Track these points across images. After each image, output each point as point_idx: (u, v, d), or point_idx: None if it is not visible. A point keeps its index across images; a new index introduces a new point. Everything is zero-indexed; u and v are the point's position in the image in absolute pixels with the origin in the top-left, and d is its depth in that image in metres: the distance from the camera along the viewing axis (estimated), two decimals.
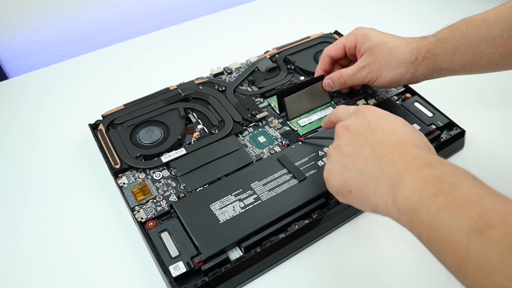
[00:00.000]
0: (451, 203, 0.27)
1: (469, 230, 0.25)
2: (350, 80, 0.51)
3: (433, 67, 0.47)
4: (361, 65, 0.50)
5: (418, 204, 0.28)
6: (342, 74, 0.51)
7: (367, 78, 0.50)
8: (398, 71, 0.48)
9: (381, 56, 0.48)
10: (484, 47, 0.45)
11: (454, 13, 0.77)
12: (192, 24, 0.77)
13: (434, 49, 0.46)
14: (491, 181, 0.49)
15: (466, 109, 0.58)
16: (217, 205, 0.44)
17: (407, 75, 0.48)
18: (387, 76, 0.48)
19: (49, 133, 0.57)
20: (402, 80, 0.48)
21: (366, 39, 0.49)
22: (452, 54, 0.46)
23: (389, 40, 0.48)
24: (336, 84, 0.52)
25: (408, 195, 0.29)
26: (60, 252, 0.44)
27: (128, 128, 0.52)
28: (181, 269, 0.39)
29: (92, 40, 0.77)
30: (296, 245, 0.43)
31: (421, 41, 0.47)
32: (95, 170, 0.52)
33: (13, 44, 0.70)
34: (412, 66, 0.47)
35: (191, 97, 0.57)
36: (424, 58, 0.46)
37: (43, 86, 0.64)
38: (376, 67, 0.48)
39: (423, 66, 0.47)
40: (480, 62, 0.46)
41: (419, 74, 0.48)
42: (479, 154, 0.53)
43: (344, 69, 0.51)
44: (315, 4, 0.81)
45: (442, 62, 0.46)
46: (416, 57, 0.47)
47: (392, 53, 0.47)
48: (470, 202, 0.26)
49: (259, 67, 0.61)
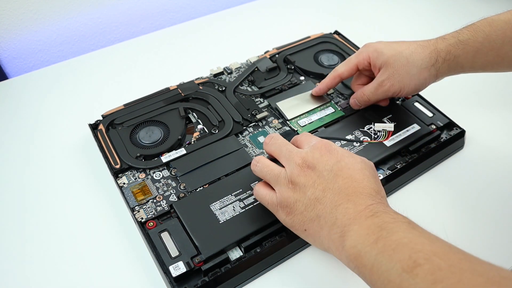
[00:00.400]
0: (387, 248, 0.30)
1: (401, 270, 0.28)
2: (374, 97, 0.50)
3: (454, 67, 0.47)
4: (380, 80, 0.49)
5: (362, 250, 0.31)
6: (364, 93, 0.51)
7: (391, 91, 0.49)
8: (421, 77, 0.47)
9: (399, 67, 0.47)
10: (507, 49, 0.44)
11: (455, 13, 0.78)
12: (192, 24, 0.77)
13: (455, 50, 0.46)
14: (491, 181, 0.50)
15: (466, 109, 0.58)
16: (217, 205, 0.44)
17: (430, 78, 0.47)
18: (410, 84, 0.48)
19: (49, 133, 0.57)
20: (426, 84, 0.48)
21: (379, 54, 0.49)
22: (474, 56, 0.45)
23: (402, 49, 0.47)
24: (361, 102, 0.52)
25: (354, 243, 0.32)
26: (60, 252, 0.44)
27: (128, 128, 0.52)
28: (181, 269, 0.39)
29: (92, 40, 0.77)
30: (296, 245, 0.43)
31: (439, 42, 0.47)
32: (95, 170, 0.52)
33: (13, 44, 0.70)
34: (433, 69, 0.47)
35: (191, 97, 0.57)
36: (445, 60, 0.46)
37: (43, 86, 0.64)
38: (396, 78, 0.48)
39: (444, 68, 0.46)
40: (501, 63, 0.45)
41: (441, 75, 0.48)
42: (479, 154, 0.53)
43: (366, 87, 0.51)
44: (315, 4, 0.81)
45: (464, 63, 0.46)
46: (436, 59, 0.46)
47: (410, 61, 0.47)
48: (403, 245, 0.29)
49: (259, 67, 0.61)
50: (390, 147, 0.49)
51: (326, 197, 0.36)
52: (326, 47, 0.65)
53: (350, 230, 0.33)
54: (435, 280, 0.26)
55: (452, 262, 0.27)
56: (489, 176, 0.50)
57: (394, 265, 0.29)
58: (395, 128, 0.51)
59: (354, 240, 0.32)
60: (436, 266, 0.27)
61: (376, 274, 0.30)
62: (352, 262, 0.32)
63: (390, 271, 0.29)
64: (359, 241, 0.32)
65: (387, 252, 0.30)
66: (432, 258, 0.28)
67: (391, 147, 0.49)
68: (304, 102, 0.55)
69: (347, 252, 0.33)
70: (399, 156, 0.50)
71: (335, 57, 0.63)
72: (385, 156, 0.48)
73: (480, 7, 0.78)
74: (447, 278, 0.26)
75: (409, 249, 0.29)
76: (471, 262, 0.28)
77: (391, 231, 0.31)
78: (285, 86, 0.58)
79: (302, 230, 0.38)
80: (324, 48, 0.65)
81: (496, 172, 0.51)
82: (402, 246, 0.29)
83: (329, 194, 0.36)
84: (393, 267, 0.29)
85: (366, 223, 0.33)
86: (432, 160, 0.51)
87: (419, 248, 0.29)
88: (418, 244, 0.29)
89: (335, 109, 0.54)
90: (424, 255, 0.28)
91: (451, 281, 0.26)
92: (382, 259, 0.30)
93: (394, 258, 0.29)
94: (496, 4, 0.78)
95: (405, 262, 0.28)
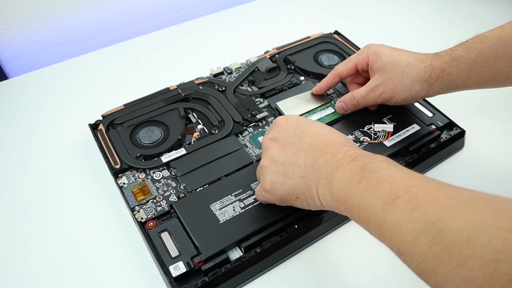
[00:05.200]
0: (370, 185, 0.32)
1: (383, 203, 0.30)
2: (363, 101, 0.50)
3: (447, 85, 0.46)
4: (373, 84, 0.49)
5: (348, 191, 0.34)
6: (354, 96, 0.50)
7: (381, 98, 0.49)
8: (412, 90, 0.47)
9: (393, 75, 0.47)
10: (500, 65, 0.44)
11: (454, 13, 0.78)
12: (192, 24, 0.77)
13: (448, 67, 0.46)
14: (491, 180, 0.50)
15: (466, 109, 0.58)
16: (217, 205, 0.44)
17: (422, 92, 0.47)
18: (401, 95, 0.48)
19: (49, 133, 0.57)
20: (416, 97, 0.48)
21: (378, 57, 0.49)
22: (467, 73, 0.45)
23: (401, 58, 0.47)
24: (349, 106, 0.51)
25: (341, 187, 0.34)
26: (60, 252, 0.44)
27: (128, 128, 0.52)
28: (181, 269, 0.39)
29: (92, 40, 0.77)
30: (296, 245, 0.43)
31: (434, 59, 0.47)
32: (95, 170, 0.52)
33: (13, 44, 0.70)
34: (425, 84, 0.47)
35: (191, 97, 0.57)
36: (438, 77, 0.46)
37: (43, 86, 0.64)
38: (389, 86, 0.48)
39: (437, 84, 0.46)
40: (496, 79, 0.45)
41: (433, 92, 0.47)
42: (479, 154, 0.53)
43: (357, 90, 0.50)
44: (315, 4, 0.81)
45: (457, 81, 0.46)
46: (429, 76, 0.46)
47: (405, 72, 0.47)
48: (384, 181, 0.32)
49: (259, 67, 0.61)
50: (390, 147, 0.49)
51: (300, 158, 0.38)
52: (326, 47, 0.65)
53: (335, 177, 0.35)
54: (413, 207, 0.29)
55: (428, 190, 0.30)
56: (489, 176, 0.50)
57: (377, 199, 0.31)
58: (395, 128, 0.51)
59: (341, 184, 0.34)
60: (414, 196, 0.30)
61: (363, 210, 0.32)
62: (341, 204, 0.34)
63: (374, 205, 0.31)
64: (345, 184, 0.34)
65: (370, 189, 0.32)
66: (410, 189, 0.30)
67: (391, 147, 0.49)
68: (304, 102, 0.55)
69: (336, 197, 0.35)
70: (399, 156, 0.50)
71: (335, 57, 0.63)
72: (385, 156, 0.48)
73: (480, 7, 0.78)
74: (424, 204, 0.29)
75: (389, 184, 0.31)
76: (446, 188, 0.30)
77: (372, 170, 0.33)
78: (285, 86, 0.58)
79: (294, 199, 0.39)
80: (324, 48, 0.65)
81: (496, 172, 0.51)
82: (383, 182, 0.32)
83: (302, 154, 0.38)
84: (376, 202, 0.31)
85: (349, 167, 0.35)
86: (432, 160, 0.51)
87: (398, 182, 0.31)
88: (397, 178, 0.32)
89: (335, 109, 0.54)
90: (403, 188, 0.30)
91: (427, 206, 0.28)
92: (366, 196, 0.32)
93: (377, 194, 0.31)
94: (496, 4, 0.78)
95: (387, 196, 0.31)
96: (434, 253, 0.27)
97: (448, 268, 0.26)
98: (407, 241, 0.28)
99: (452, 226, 0.26)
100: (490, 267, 0.24)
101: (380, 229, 0.31)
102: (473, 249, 0.25)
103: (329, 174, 0.36)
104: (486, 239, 0.25)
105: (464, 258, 0.25)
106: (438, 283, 0.27)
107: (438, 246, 0.26)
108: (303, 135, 0.39)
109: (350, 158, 0.35)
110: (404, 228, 0.29)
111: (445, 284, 0.26)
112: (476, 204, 0.27)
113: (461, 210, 0.27)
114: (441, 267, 0.26)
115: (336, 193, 0.35)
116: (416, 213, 0.29)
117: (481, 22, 0.73)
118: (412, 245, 0.28)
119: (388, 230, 0.30)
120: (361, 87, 0.51)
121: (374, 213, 0.31)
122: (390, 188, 0.31)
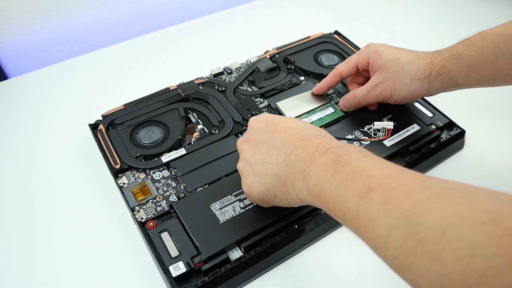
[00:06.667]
0: (344, 179, 0.32)
1: (358, 197, 0.30)
2: (364, 99, 0.50)
3: (448, 82, 0.46)
4: (374, 83, 0.49)
5: (323, 186, 0.33)
6: (356, 95, 0.51)
7: (381, 96, 0.49)
8: (412, 87, 0.47)
9: (393, 73, 0.47)
10: (501, 63, 0.44)
11: (454, 13, 0.78)
12: (192, 24, 0.77)
13: (449, 64, 0.45)
14: (491, 180, 0.50)
15: (466, 109, 0.58)
16: (217, 205, 0.44)
17: (422, 90, 0.47)
18: (401, 93, 0.48)
19: (49, 133, 0.57)
20: (416, 95, 0.48)
21: (378, 56, 0.49)
22: (468, 70, 0.45)
23: (401, 56, 0.47)
24: (351, 104, 0.52)
25: (316, 181, 0.34)
26: (60, 252, 0.44)
27: (128, 128, 0.52)
28: (181, 269, 0.39)
29: (92, 40, 0.77)
30: (296, 245, 0.43)
31: (435, 56, 0.46)
32: (95, 170, 0.52)
33: (13, 44, 0.70)
34: (426, 82, 0.46)
35: (191, 97, 0.57)
36: (438, 74, 0.46)
37: (43, 86, 0.64)
38: (389, 84, 0.48)
39: (437, 82, 0.46)
40: (497, 77, 0.45)
41: (433, 89, 0.47)
42: (479, 154, 0.53)
43: (358, 89, 0.51)
44: (315, 4, 0.81)
45: (458, 78, 0.46)
46: (430, 73, 0.46)
47: (405, 69, 0.47)
48: (357, 174, 0.31)
49: (259, 67, 0.61)
50: (390, 147, 0.49)
51: (272, 155, 0.38)
52: (326, 47, 0.65)
53: (310, 171, 0.35)
54: (387, 200, 0.28)
55: (402, 181, 0.29)
56: (489, 176, 0.50)
57: (352, 194, 0.31)
58: (395, 128, 0.51)
59: (315, 178, 0.34)
60: (387, 188, 0.29)
61: (338, 205, 0.32)
62: (318, 199, 0.34)
63: (349, 200, 0.31)
64: (319, 178, 0.34)
65: (344, 183, 0.32)
66: (384, 181, 0.30)
67: (391, 147, 0.49)
68: (304, 102, 0.55)
69: (311, 192, 0.34)
70: (399, 156, 0.50)
71: (335, 57, 0.63)
72: (385, 156, 0.48)
73: (480, 7, 0.78)
74: (397, 196, 0.28)
75: (363, 177, 0.31)
76: (420, 179, 0.30)
77: (345, 163, 0.33)
78: (285, 86, 0.58)
79: (272, 197, 0.39)
80: (324, 48, 0.65)
81: (496, 172, 0.51)
82: (356, 175, 0.31)
83: (274, 151, 0.38)
84: (351, 196, 0.31)
85: (322, 160, 0.34)
86: (432, 160, 0.51)
87: (372, 174, 0.31)
88: (370, 170, 0.31)
89: (335, 109, 0.54)
90: (377, 180, 0.30)
91: (400, 199, 0.28)
92: (341, 191, 0.32)
93: (351, 188, 0.31)
94: (496, 4, 0.78)
95: (361, 190, 0.30)
96: (407, 248, 0.26)
97: (422, 263, 0.25)
98: (381, 236, 0.28)
99: (426, 220, 0.26)
100: (463, 262, 0.23)
101: (356, 223, 0.30)
102: (447, 243, 0.24)
103: (303, 168, 0.35)
104: (460, 233, 0.24)
105: (437, 253, 0.24)
106: (413, 278, 0.26)
107: (412, 241, 0.26)
108: (273, 132, 0.39)
109: (323, 150, 0.35)
110: (378, 222, 0.28)
111: (420, 280, 0.26)
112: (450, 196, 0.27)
113: (434, 202, 0.27)
114: (415, 262, 0.26)
115: (312, 187, 0.34)
116: (390, 206, 0.28)
117: (481, 22, 0.73)
118: (386, 240, 0.28)
119: (363, 225, 0.30)
120: (362, 86, 0.51)
121: (349, 208, 0.31)
122: (364, 181, 0.31)
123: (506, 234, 0.23)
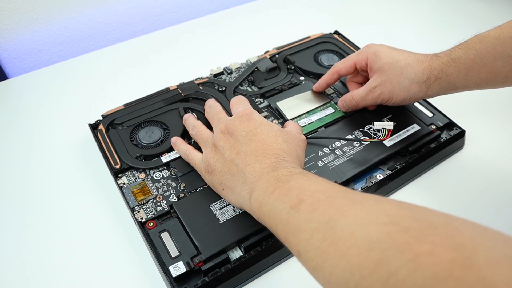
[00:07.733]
0: (281, 194, 0.34)
1: (290, 208, 0.32)
2: (362, 102, 0.50)
3: (446, 86, 0.46)
4: (372, 85, 0.49)
5: (262, 201, 0.36)
6: (353, 97, 0.51)
7: (379, 98, 0.49)
8: (410, 91, 0.47)
9: (392, 76, 0.47)
10: (499, 65, 0.44)
11: (454, 13, 0.78)
12: (192, 24, 0.77)
13: (447, 68, 0.45)
14: (490, 180, 0.50)
15: (466, 109, 0.58)
16: (217, 205, 0.44)
17: (420, 93, 0.47)
18: (399, 96, 0.48)
19: (49, 133, 0.57)
20: (414, 98, 0.48)
21: (377, 57, 0.49)
22: (466, 74, 0.45)
23: (400, 59, 0.47)
24: (349, 106, 0.52)
25: (257, 196, 0.37)
26: (60, 252, 0.44)
27: (128, 128, 0.52)
28: (181, 269, 0.39)
29: (92, 40, 0.77)
30: None
31: (433, 60, 0.46)
32: (95, 170, 0.52)
33: (13, 44, 0.70)
34: (424, 85, 0.46)
35: (191, 97, 0.57)
36: (437, 78, 0.46)
37: (43, 86, 0.64)
38: (387, 87, 0.48)
39: (435, 86, 0.46)
40: (495, 80, 0.45)
41: (431, 93, 0.47)
42: (479, 154, 0.53)
43: (356, 91, 0.51)
44: (315, 4, 0.81)
45: (456, 81, 0.46)
46: (428, 77, 0.46)
47: (403, 73, 0.47)
48: (293, 189, 0.34)
49: (259, 67, 0.61)
50: (390, 147, 0.49)
51: (239, 158, 0.40)
52: (326, 47, 0.65)
53: (256, 186, 0.37)
54: (313, 209, 0.31)
55: (330, 194, 0.32)
56: (489, 176, 0.50)
57: (285, 206, 0.33)
58: (395, 128, 0.51)
59: (257, 193, 0.37)
60: (316, 199, 0.32)
61: (273, 217, 0.34)
62: (256, 213, 0.37)
63: (282, 211, 0.33)
64: (261, 194, 0.36)
65: (281, 197, 0.34)
66: (315, 194, 0.32)
67: (391, 147, 0.49)
68: (304, 102, 0.55)
69: (252, 205, 0.37)
70: (399, 156, 0.50)
71: (335, 57, 0.63)
72: (385, 156, 0.49)
73: (480, 7, 0.78)
74: (322, 206, 0.31)
75: (297, 191, 0.33)
76: (346, 192, 0.32)
77: (285, 181, 0.35)
78: (285, 86, 0.58)
79: (221, 189, 0.42)
80: (324, 48, 0.65)
81: (496, 172, 0.51)
82: (292, 190, 0.34)
83: (242, 156, 0.40)
84: (283, 208, 0.33)
85: (267, 178, 0.37)
86: (432, 160, 0.51)
87: (306, 188, 0.33)
88: (305, 185, 0.34)
89: (335, 109, 0.54)
90: (309, 193, 0.33)
91: (324, 208, 0.31)
92: (276, 204, 0.34)
93: (285, 200, 0.33)
94: (496, 4, 0.78)
95: (293, 201, 0.33)
96: (323, 248, 0.28)
97: (332, 261, 0.27)
98: (304, 240, 0.30)
99: (341, 223, 0.29)
100: (363, 255, 0.26)
101: (285, 232, 0.32)
102: (354, 242, 0.27)
103: (252, 181, 0.38)
104: (366, 233, 0.27)
105: (345, 250, 0.27)
106: (325, 277, 0.28)
107: (327, 242, 0.28)
108: (251, 139, 0.41)
109: (271, 168, 0.37)
110: (302, 228, 0.31)
111: (330, 277, 0.28)
112: (365, 203, 0.30)
113: (351, 209, 0.29)
114: (327, 261, 0.28)
115: (253, 201, 0.37)
116: (315, 214, 0.31)
117: (481, 22, 0.73)
118: (307, 243, 0.30)
119: (291, 232, 0.32)
120: (360, 88, 0.51)
121: (281, 218, 0.33)
122: (297, 194, 0.33)
123: (400, 231, 0.26)
